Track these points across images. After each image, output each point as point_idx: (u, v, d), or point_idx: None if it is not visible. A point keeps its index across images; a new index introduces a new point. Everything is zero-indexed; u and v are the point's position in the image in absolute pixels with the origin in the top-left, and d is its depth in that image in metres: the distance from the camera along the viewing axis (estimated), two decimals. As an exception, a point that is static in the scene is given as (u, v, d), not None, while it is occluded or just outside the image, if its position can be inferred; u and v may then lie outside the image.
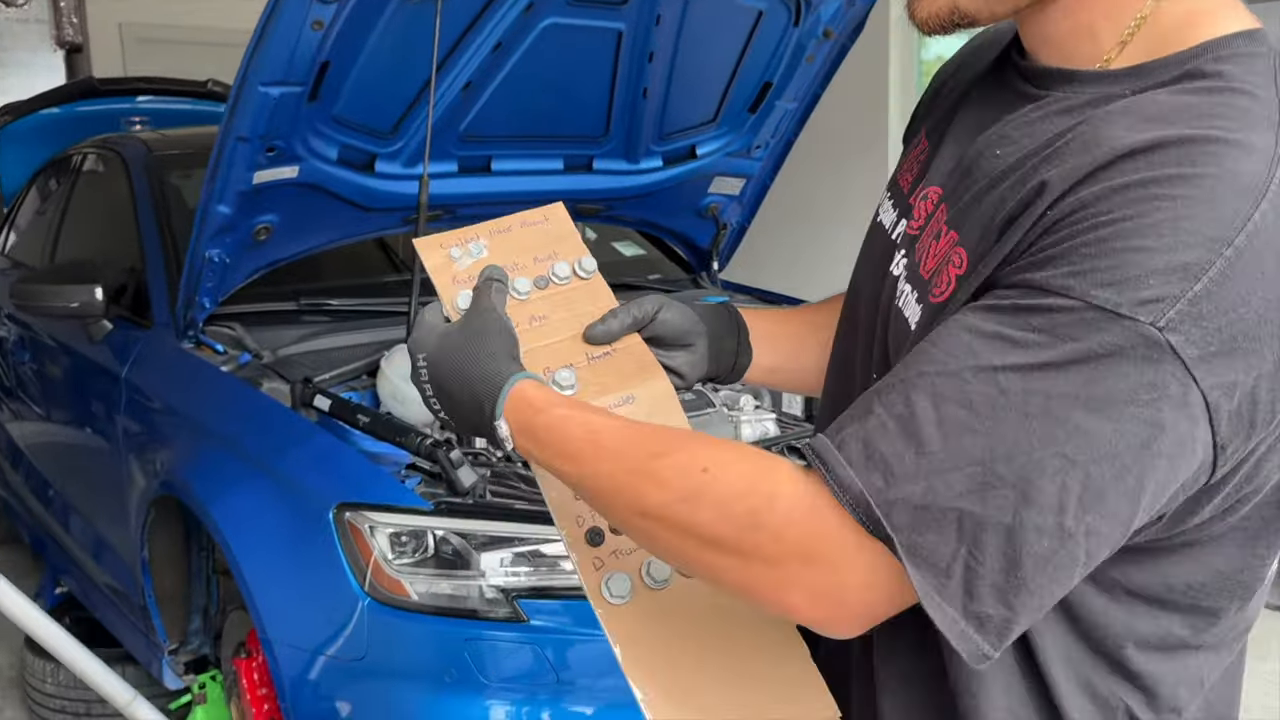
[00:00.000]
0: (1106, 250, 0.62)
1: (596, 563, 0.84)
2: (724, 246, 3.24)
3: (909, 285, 0.79)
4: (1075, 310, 0.62)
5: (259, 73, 2.01)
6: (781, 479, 0.67)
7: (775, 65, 2.70)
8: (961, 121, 0.84)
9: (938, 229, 0.77)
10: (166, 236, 2.67)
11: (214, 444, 2.20)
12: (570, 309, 0.96)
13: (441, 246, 0.97)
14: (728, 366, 1.02)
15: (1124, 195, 0.62)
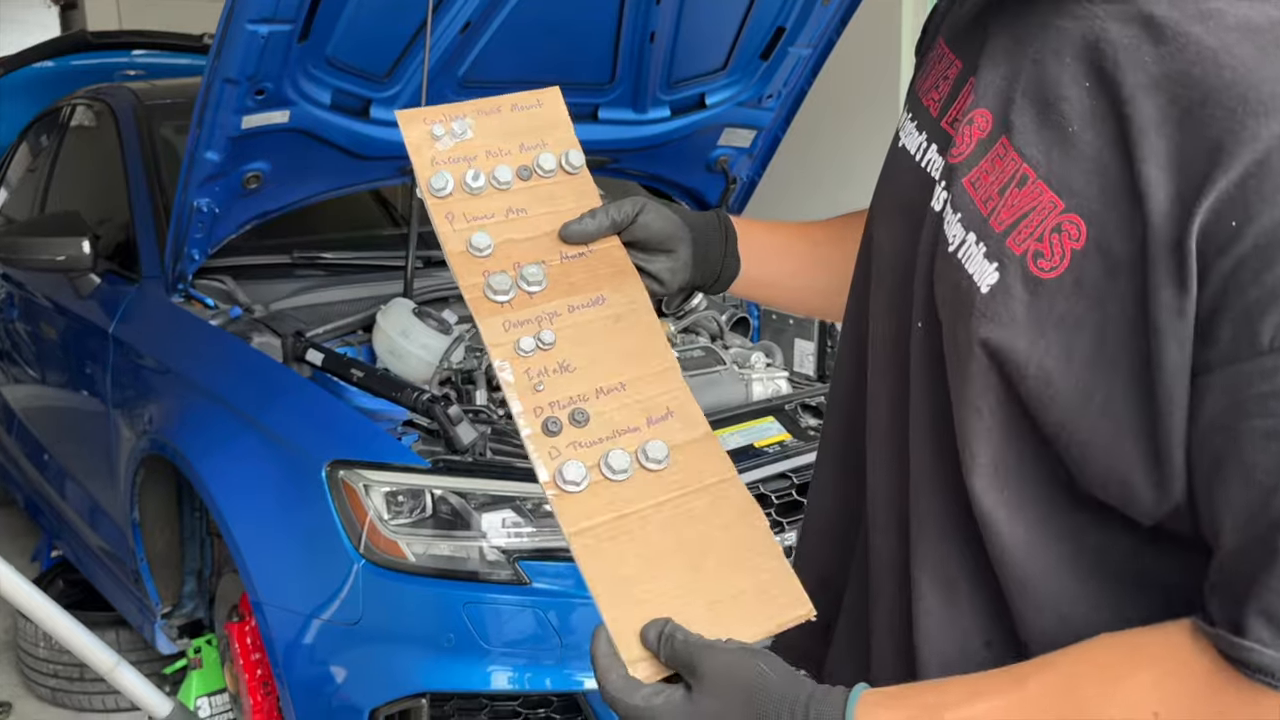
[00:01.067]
0: None
1: (553, 452, 0.80)
2: (734, 201, 3.14)
3: (969, 232, 0.68)
4: None
5: (246, 9, 1.91)
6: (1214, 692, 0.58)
7: (789, 9, 2.58)
8: (1000, 29, 0.73)
9: (1012, 170, 0.66)
10: (155, 187, 2.58)
11: (202, 400, 2.11)
12: (551, 204, 0.91)
13: (424, 121, 0.91)
14: (712, 275, 0.95)
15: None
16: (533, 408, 0.81)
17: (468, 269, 0.86)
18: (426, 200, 0.89)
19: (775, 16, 2.60)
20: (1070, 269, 0.62)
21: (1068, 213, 0.63)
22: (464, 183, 0.89)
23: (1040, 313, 0.63)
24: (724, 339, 2.62)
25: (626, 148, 2.80)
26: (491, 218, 0.88)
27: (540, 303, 0.86)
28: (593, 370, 0.84)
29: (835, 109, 3.84)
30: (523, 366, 0.83)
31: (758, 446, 2.01)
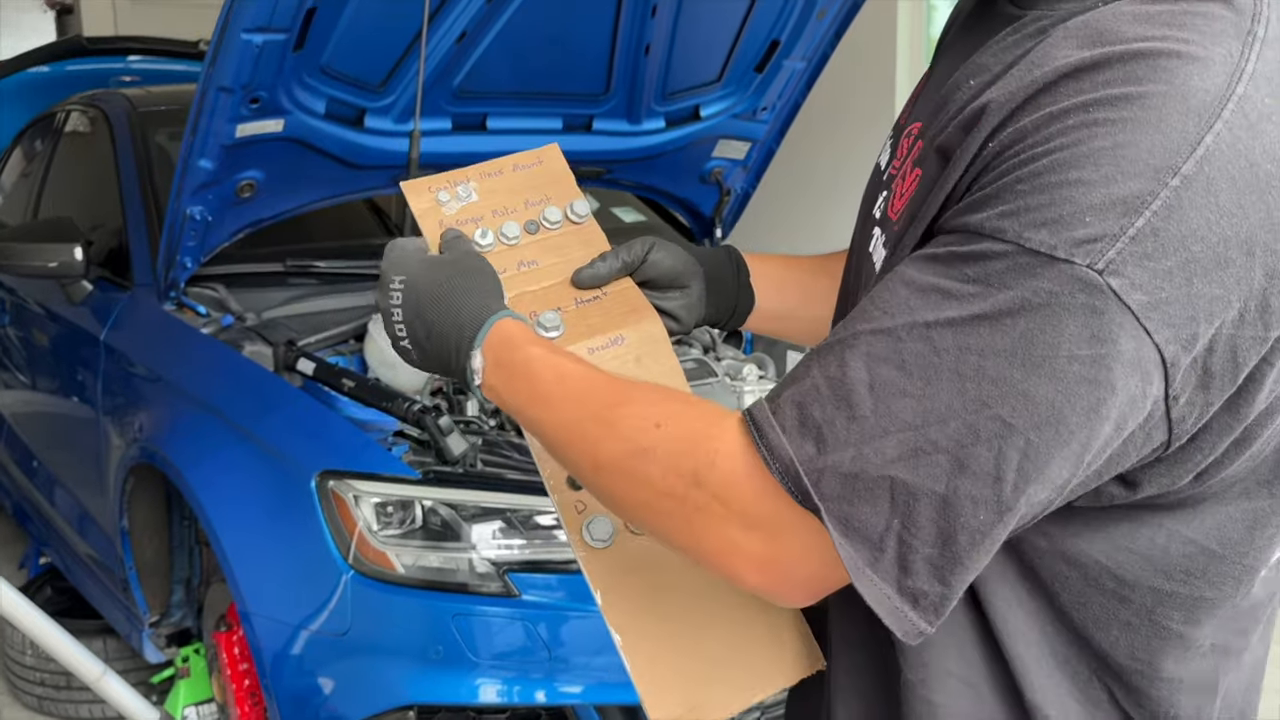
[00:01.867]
0: (1041, 185, 0.55)
1: (579, 506, 0.81)
2: (727, 213, 3.14)
3: (879, 229, 0.73)
4: (1009, 255, 0.56)
5: (241, 18, 1.91)
6: (728, 438, 0.63)
7: (784, 22, 2.59)
8: (948, 52, 0.78)
9: (910, 168, 0.70)
10: (149, 194, 2.58)
11: (192, 409, 2.11)
12: (561, 254, 0.92)
13: (429, 190, 0.93)
14: (727, 310, 0.97)
15: (1061, 122, 0.56)
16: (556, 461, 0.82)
17: None
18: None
19: (770, 30, 2.61)
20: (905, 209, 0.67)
21: (915, 166, 0.68)
22: (474, 242, 0.90)
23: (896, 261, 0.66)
24: (716, 351, 2.62)
25: (621, 159, 2.80)
26: (504, 273, 0.89)
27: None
28: None
29: (830, 122, 3.85)
30: None
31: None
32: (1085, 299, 0.54)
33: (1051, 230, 0.54)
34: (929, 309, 0.58)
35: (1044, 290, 0.55)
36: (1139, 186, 0.54)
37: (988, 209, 0.57)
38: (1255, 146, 0.55)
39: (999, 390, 0.56)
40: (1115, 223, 0.54)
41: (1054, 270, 0.54)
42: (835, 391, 0.59)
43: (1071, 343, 0.54)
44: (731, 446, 0.62)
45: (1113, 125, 0.55)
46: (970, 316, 0.56)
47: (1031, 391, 0.55)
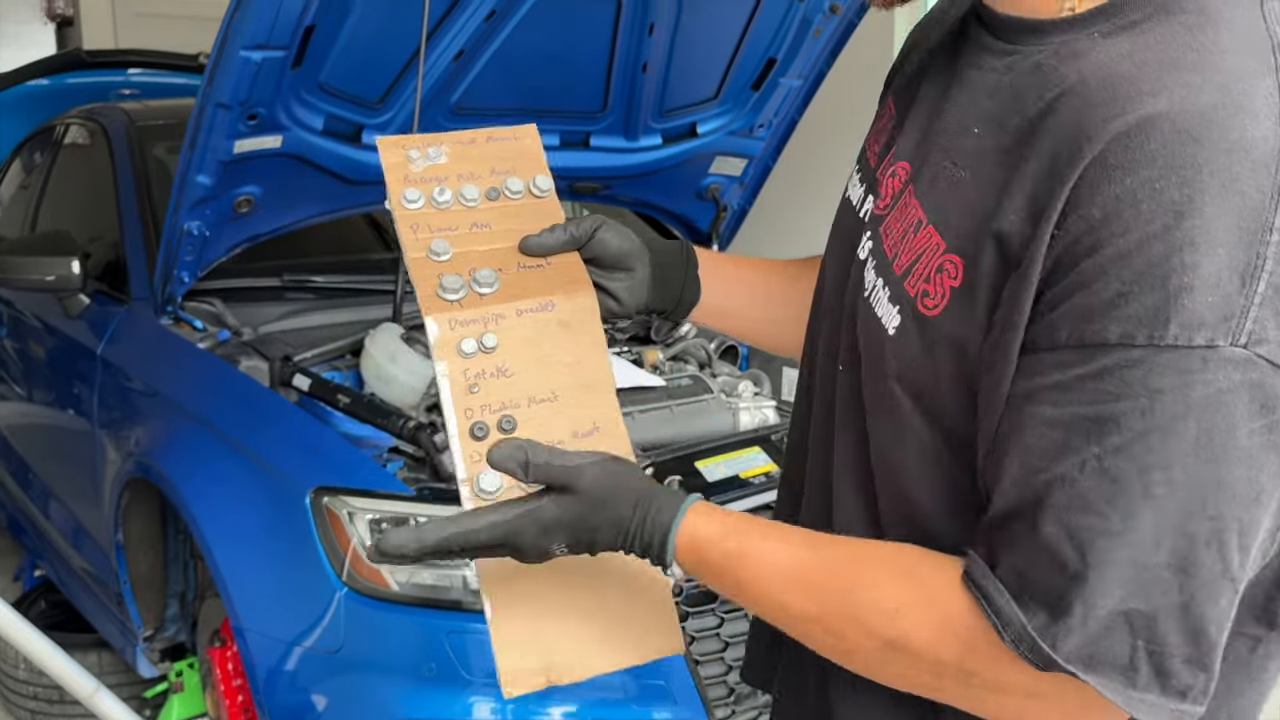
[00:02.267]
0: (1151, 280, 0.55)
1: (474, 456, 0.82)
2: (724, 229, 3.16)
3: (878, 278, 0.72)
4: (1148, 358, 0.56)
5: (240, 35, 1.92)
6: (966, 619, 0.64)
7: (780, 41, 2.61)
8: (928, 86, 0.77)
9: (912, 218, 0.70)
10: (146, 209, 2.59)
11: (188, 424, 2.11)
12: (516, 221, 0.93)
13: (402, 147, 0.95)
14: (673, 299, 0.97)
15: (1136, 210, 0.56)
16: (464, 409, 0.83)
17: (424, 272, 0.88)
18: (395, 213, 0.92)
19: (767, 48, 2.62)
20: (949, 306, 0.66)
21: (948, 253, 0.67)
22: (432, 198, 0.92)
23: (931, 347, 0.67)
24: (712, 367, 2.63)
25: (618, 175, 2.81)
26: (455, 230, 0.90)
27: (489, 304, 0.87)
28: (529, 378, 0.86)
29: (827, 138, 3.87)
30: (461, 367, 0.84)
31: (743, 477, 2.02)
32: (1242, 376, 0.55)
33: (1181, 321, 0.55)
34: (1092, 442, 0.58)
35: (1201, 381, 0.55)
36: (1245, 254, 0.54)
37: (1100, 318, 0.57)
38: None
39: (1197, 493, 0.56)
40: (1239, 295, 0.55)
41: (1201, 359, 0.55)
42: (1040, 558, 0.60)
43: (1246, 421, 0.56)
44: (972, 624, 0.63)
45: (1191, 202, 0.55)
46: (1138, 434, 0.57)
47: (1225, 479, 0.56)
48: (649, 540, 0.73)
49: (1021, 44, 0.68)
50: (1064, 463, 0.59)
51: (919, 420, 0.69)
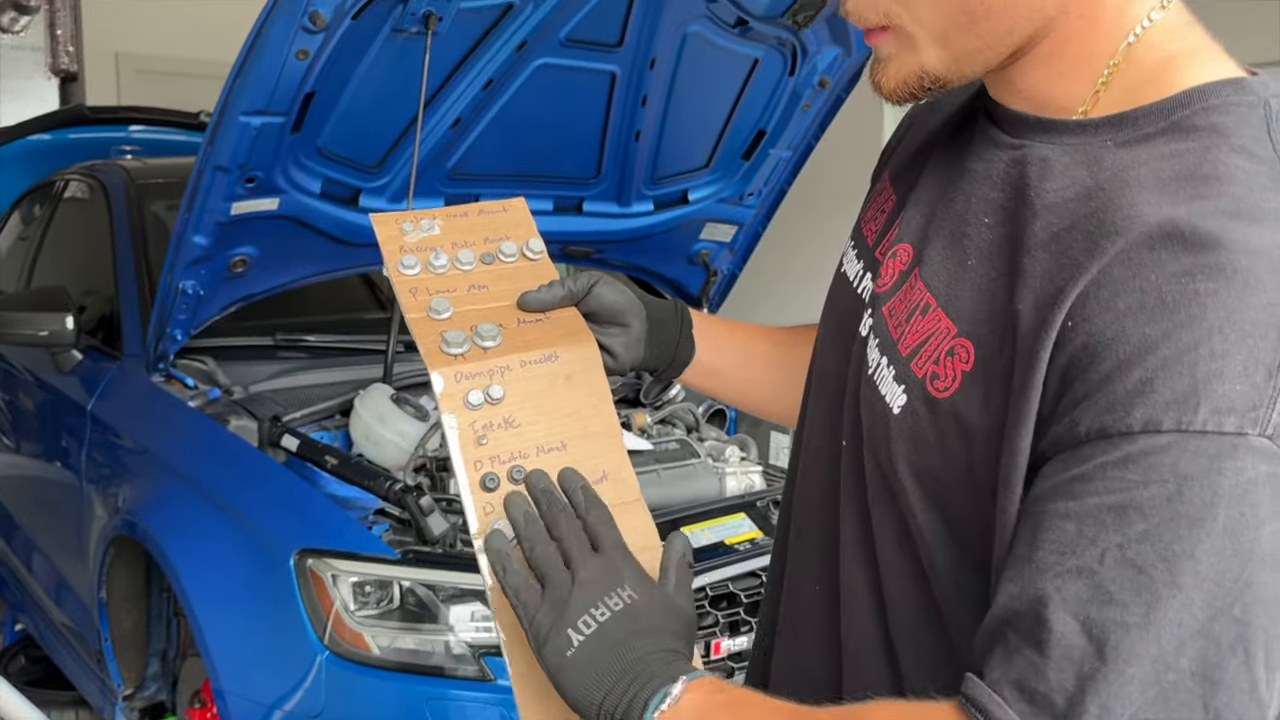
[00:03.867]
0: (1176, 370, 0.55)
1: (487, 508, 0.82)
2: (714, 293, 3.19)
3: (882, 356, 0.73)
4: (1174, 445, 0.54)
5: (240, 101, 1.96)
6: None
7: (770, 113, 2.66)
8: (932, 170, 0.79)
9: (919, 301, 0.71)
10: (142, 266, 2.61)
11: (175, 482, 2.11)
12: (513, 282, 0.96)
13: (396, 222, 0.98)
14: (667, 357, 0.99)
15: (1161, 303, 0.56)
16: (474, 460, 0.84)
17: (425, 330, 0.90)
18: (392, 278, 0.94)
19: (757, 120, 2.68)
20: (960, 390, 0.66)
21: (959, 337, 0.67)
22: (428, 264, 0.94)
23: (942, 431, 0.67)
24: (700, 431, 2.64)
25: (610, 240, 2.85)
26: (453, 291, 0.92)
27: (493, 357, 0.88)
28: (536, 428, 0.87)
29: (816, 205, 3.93)
30: (468, 419, 0.85)
31: (728, 544, 2.02)
32: (1268, 469, 0.54)
33: (1212, 406, 0.54)
34: (1113, 531, 0.55)
35: (1231, 469, 0.54)
36: (1271, 348, 0.55)
37: (1124, 407, 0.56)
38: None
39: (1225, 591, 0.54)
40: (1267, 386, 0.54)
41: (1231, 445, 0.54)
42: (1050, 654, 0.55)
43: (1271, 519, 0.54)
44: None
45: (1217, 295, 0.55)
46: (1165, 520, 0.54)
47: (1253, 580, 0.54)
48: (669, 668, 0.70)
49: (1030, 139, 0.70)
50: (1082, 555, 0.55)
51: (920, 501, 0.69)
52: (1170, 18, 0.68)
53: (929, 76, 0.70)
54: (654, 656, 0.70)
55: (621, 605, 0.72)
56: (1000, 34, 0.68)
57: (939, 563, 0.69)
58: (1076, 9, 0.67)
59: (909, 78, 0.71)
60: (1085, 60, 0.68)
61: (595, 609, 0.72)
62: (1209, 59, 0.68)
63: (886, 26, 0.70)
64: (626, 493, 0.86)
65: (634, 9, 2.25)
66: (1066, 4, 0.67)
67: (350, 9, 1.90)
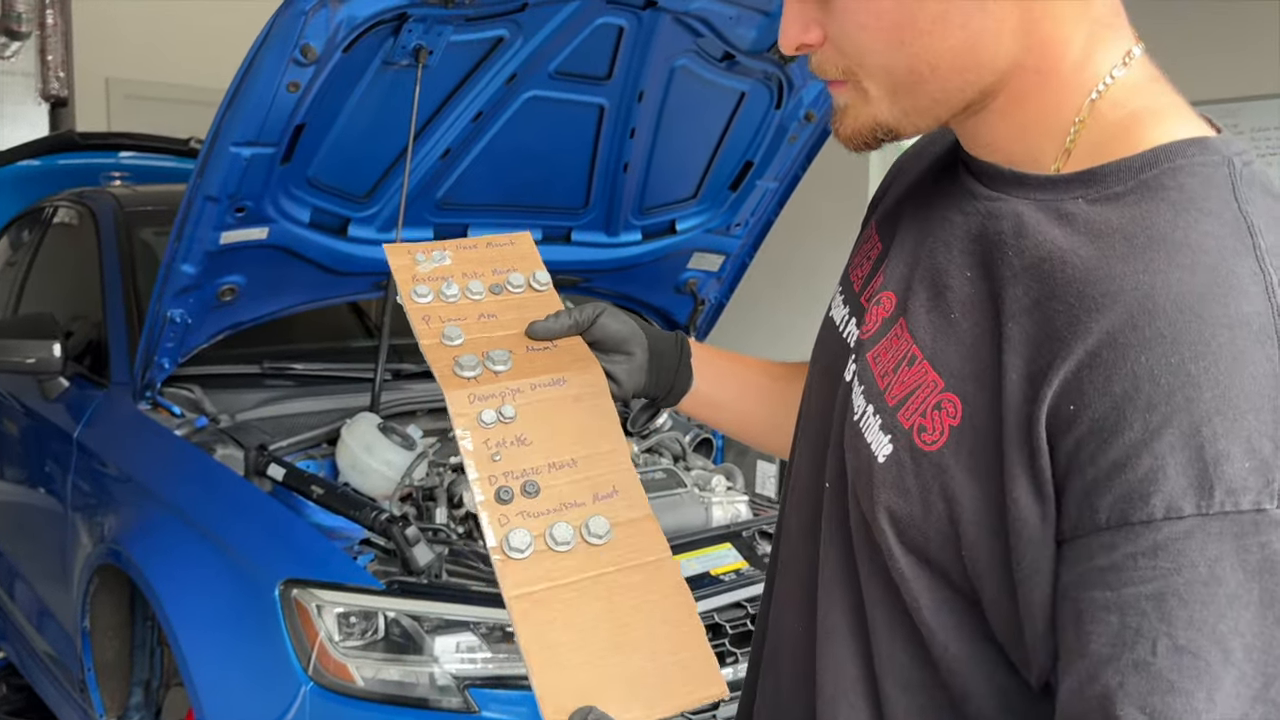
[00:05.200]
0: (1186, 454, 0.57)
1: (502, 519, 0.85)
2: (701, 322, 3.21)
3: (868, 404, 0.74)
4: (1199, 529, 0.56)
5: (231, 132, 1.97)
6: None
7: (757, 145, 2.69)
8: (913, 217, 0.80)
9: (904, 351, 0.73)
10: (131, 294, 2.62)
11: (161, 511, 2.11)
12: (520, 312, 1.00)
13: (408, 252, 1.02)
14: (666, 385, 1.01)
15: (1155, 384, 0.58)
16: (488, 476, 0.87)
17: (439, 355, 0.94)
18: (406, 306, 0.98)
19: (744, 152, 2.71)
20: (948, 444, 0.67)
21: (946, 391, 0.68)
22: (440, 292, 0.98)
23: (926, 483, 0.68)
24: (686, 460, 2.65)
25: (598, 269, 2.87)
26: (464, 319, 0.97)
27: (505, 380, 0.92)
28: (547, 445, 0.90)
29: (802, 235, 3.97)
30: (482, 437, 0.88)
31: (714, 574, 2.03)
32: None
33: (1226, 487, 0.56)
34: (1157, 620, 0.57)
35: (1256, 545, 0.56)
36: (1272, 416, 0.56)
37: (1141, 495, 0.57)
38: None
39: (1271, 655, 0.56)
40: (1274, 457, 0.56)
41: (1253, 522, 0.56)
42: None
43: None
44: None
45: (1208, 374, 0.57)
46: (1205, 603, 0.56)
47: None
48: None
49: (1005, 192, 0.71)
50: (1135, 648, 0.57)
51: (898, 546, 0.70)
52: (1133, 74, 0.70)
53: (881, 128, 0.72)
54: None
55: None
56: (950, 91, 0.70)
57: (923, 606, 0.70)
58: (1031, 65, 0.68)
59: (862, 128, 0.73)
60: (1047, 115, 0.70)
61: None
62: (1174, 116, 0.69)
63: (844, 80, 0.73)
64: (637, 508, 0.89)
65: (623, 43, 2.28)
66: (1021, 60, 0.68)
67: (341, 42, 1.92)
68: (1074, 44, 0.69)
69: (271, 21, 1.85)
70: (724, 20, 2.28)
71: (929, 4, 0.67)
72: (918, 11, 0.67)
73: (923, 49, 0.68)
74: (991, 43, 0.68)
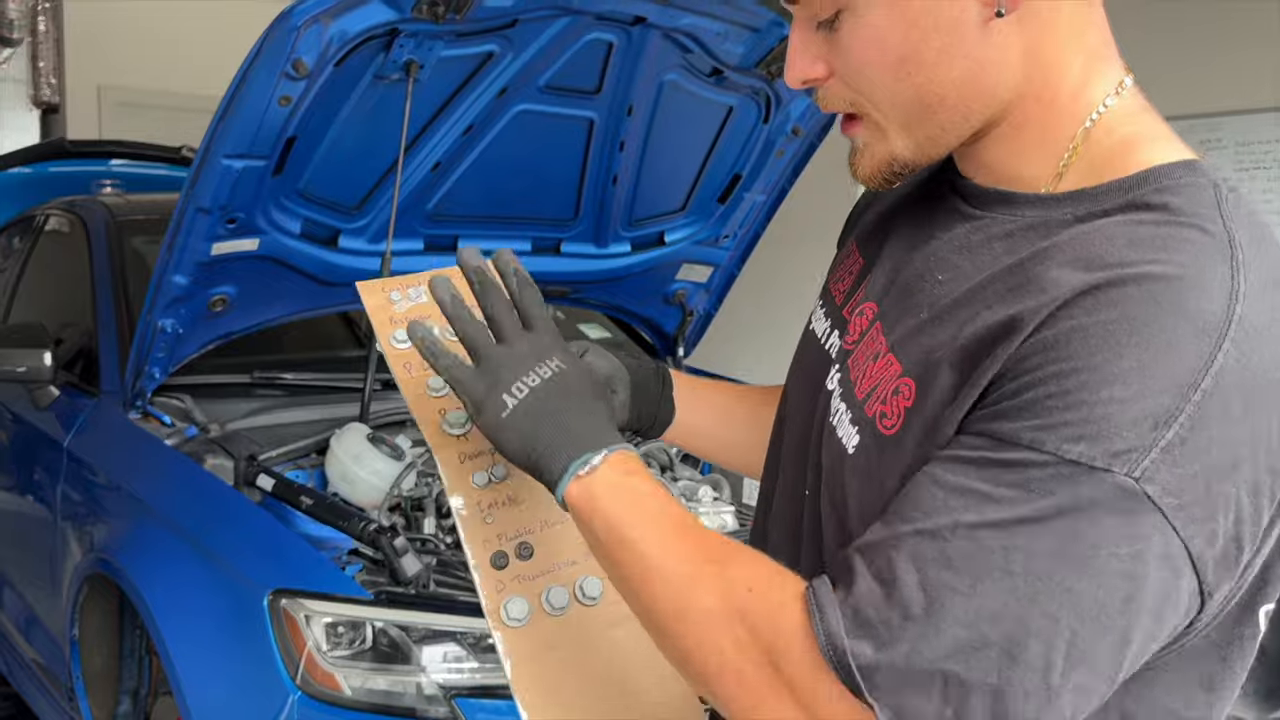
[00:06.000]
0: (1074, 402, 0.61)
1: (498, 585, 0.86)
2: (690, 333, 3.24)
3: (843, 404, 0.77)
4: (1049, 465, 0.61)
5: (223, 144, 1.99)
6: (795, 609, 0.67)
7: (745, 159, 2.72)
8: (896, 234, 0.83)
9: (875, 349, 0.76)
10: (122, 304, 2.63)
11: (150, 521, 2.12)
12: None
13: (383, 290, 1.00)
14: (649, 418, 1.03)
15: (1085, 342, 0.61)
16: (482, 539, 0.87)
17: (425, 409, 0.93)
18: (386, 353, 0.96)
19: (732, 165, 2.74)
20: (904, 426, 0.70)
21: (903, 376, 0.71)
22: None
23: (887, 466, 0.71)
24: (674, 471, 2.67)
25: (588, 280, 2.90)
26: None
27: None
28: (539, 504, 0.90)
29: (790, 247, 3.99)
30: (475, 499, 0.88)
31: (700, 585, 2.04)
32: (1123, 503, 0.59)
33: (1090, 444, 0.60)
34: (970, 511, 0.62)
35: (1085, 497, 0.60)
36: (1167, 402, 0.59)
37: (1021, 420, 0.62)
38: (1256, 360, 0.61)
39: (1045, 586, 0.60)
40: (1148, 435, 0.59)
41: (1093, 479, 0.59)
42: (887, 591, 0.63)
43: (1111, 542, 0.60)
44: (798, 616, 0.66)
45: (1136, 347, 0.60)
46: (1015, 519, 0.61)
47: (1075, 588, 0.60)
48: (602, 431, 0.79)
49: (993, 211, 0.74)
50: (938, 520, 0.63)
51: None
52: (1124, 103, 0.73)
53: (899, 162, 0.75)
54: (582, 421, 0.79)
55: (551, 374, 0.81)
56: (958, 120, 0.72)
57: None
58: (1033, 94, 0.71)
59: (881, 165, 0.76)
60: (1044, 140, 0.73)
61: (527, 377, 0.80)
62: (1163, 142, 0.72)
63: (856, 115, 0.75)
64: None
65: (612, 58, 2.30)
66: (1023, 90, 0.71)
67: (333, 57, 1.94)
68: (1072, 71, 0.72)
69: (264, 36, 1.87)
70: (712, 36, 2.31)
71: (933, 36, 0.69)
72: (922, 44, 0.70)
73: (928, 80, 0.71)
74: (995, 72, 0.70)
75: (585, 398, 0.81)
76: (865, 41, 0.71)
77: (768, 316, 4.47)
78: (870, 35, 0.71)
